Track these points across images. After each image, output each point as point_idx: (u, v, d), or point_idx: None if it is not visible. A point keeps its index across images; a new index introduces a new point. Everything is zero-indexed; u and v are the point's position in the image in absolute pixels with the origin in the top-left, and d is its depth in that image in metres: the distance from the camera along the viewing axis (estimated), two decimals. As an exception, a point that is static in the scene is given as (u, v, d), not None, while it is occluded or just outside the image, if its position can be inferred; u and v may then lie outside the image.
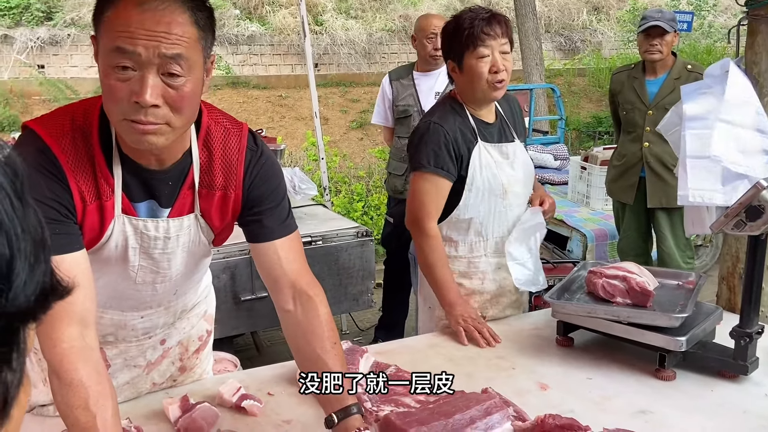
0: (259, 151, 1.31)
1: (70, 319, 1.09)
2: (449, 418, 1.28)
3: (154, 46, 1.02)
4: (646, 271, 1.78)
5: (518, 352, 1.76)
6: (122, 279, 1.32)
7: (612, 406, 1.45)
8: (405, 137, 3.56)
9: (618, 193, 3.52)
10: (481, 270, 2.04)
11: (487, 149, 1.98)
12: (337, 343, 1.28)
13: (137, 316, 1.43)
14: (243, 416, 1.44)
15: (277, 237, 1.31)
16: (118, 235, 1.24)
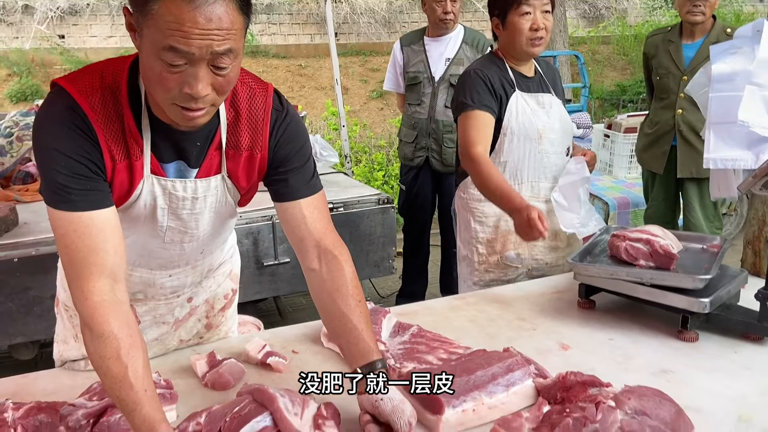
0: (284, 111, 1.31)
1: (101, 273, 1.11)
2: (471, 374, 1.30)
3: (207, 45, 1.01)
4: (670, 234, 1.77)
5: (539, 313, 1.76)
6: (151, 238, 1.35)
7: (633, 366, 1.45)
8: (415, 104, 3.55)
9: (648, 161, 3.42)
10: None
11: (524, 98, 2.11)
12: (362, 301, 1.29)
13: (165, 274, 1.46)
14: (268, 372, 1.47)
15: (302, 196, 1.32)
16: (147, 195, 1.26)
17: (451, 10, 3.38)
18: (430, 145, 3.53)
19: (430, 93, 3.49)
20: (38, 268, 2.34)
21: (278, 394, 1.22)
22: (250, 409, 1.20)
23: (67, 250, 1.13)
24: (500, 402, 1.27)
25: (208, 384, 1.41)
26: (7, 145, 3.25)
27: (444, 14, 3.39)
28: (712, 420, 1.23)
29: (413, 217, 3.72)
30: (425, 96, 3.50)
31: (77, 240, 1.12)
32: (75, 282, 1.12)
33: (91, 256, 1.12)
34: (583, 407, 1.13)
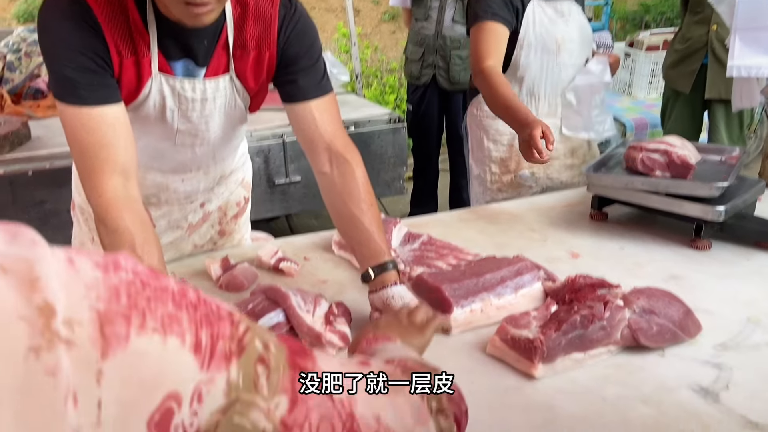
0: (293, 8, 1.27)
1: (113, 170, 1.11)
2: (480, 277, 1.31)
3: None
4: (689, 145, 1.73)
5: (550, 225, 1.76)
6: (162, 140, 1.34)
7: (643, 272, 1.46)
8: (422, 19, 3.43)
9: (675, 79, 3.24)
10: None
11: (541, 6, 2.00)
12: (373, 205, 1.28)
13: (178, 179, 1.46)
14: (281, 277, 1.49)
15: (312, 97, 1.29)
16: (156, 95, 1.24)
17: None
18: (437, 63, 3.43)
19: (437, 7, 3.36)
20: (53, 182, 2.36)
21: (291, 293, 1.24)
22: (264, 306, 1.22)
23: (77, 146, 1.13)
24: (508, 303, 1.28)
25: (222, 286, 1.43)
26: (15, 61, 3.21)
27: None
28: (720, 321, 1.23)
29: (421, 137, 3.66)
30: (432, 10, 3.38)
31: (87, 136, 1.12)
32: (87, 179, 1.13)
33: (102, 152, 1.12)
34: (591, 306, 1.14)
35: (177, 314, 0.41)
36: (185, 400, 0.39)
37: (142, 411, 0.37)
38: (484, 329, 1.23)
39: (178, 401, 0.39)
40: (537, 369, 1.07)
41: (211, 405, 0.41)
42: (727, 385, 1.04)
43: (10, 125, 2.45)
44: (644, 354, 1.13)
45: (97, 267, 0.39)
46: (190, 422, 0.40)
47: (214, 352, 0.42)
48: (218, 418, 0.41)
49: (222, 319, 0.44)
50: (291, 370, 0.48)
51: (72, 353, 0.34)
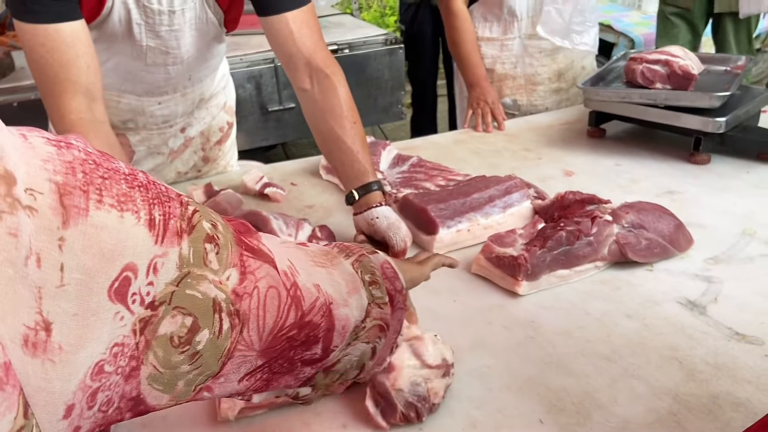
0: None
1: (75, 91, 1.06)
2: (467, 197, 1.27)
3: None
4: (692, 55, 1.64)
5: (546, 144, 1.70)
6: (133, 60, 1.28)
7: (638, 188, 1.41)
8: None
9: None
10: (514, 53, 2.00)
11: None
12: (357, 123, 1.22)
13: (154, 102, 1.41)
14: (266, 202, 1.46)
15: (287, 9, 1.21)
16: (120, 7, 1.17)
17: None
18: None
19: None
20: (39, 112, 2.29)
21: (272, 217, 1.21)
22: (244, 231, 1.20)
23: (37, 66, 1.07)
24: (496, 222, 1.25)
25: (205, 213, 1.41)
26: (-4, -9, 3.09)
27: None
28: (714, 234, 1.20)
29: (416, 59, 3.53)
30: None
31: (46, 54, 1.06)
32: (49, 100, 1.08)
33: (62, 72, 1.06)
34: (578, 221, 1.11)
35: (130, 193, 0.43)
36: (141, 271, 0.43)
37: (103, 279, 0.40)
38: (471, 249, 1.20)
39: (134, 272, 0.42)
40: (521, 286, 1.05)
41: (164, 277, 0.44)
42: (715, 298, 1.02)
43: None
44: (633, 269, 1.11)
45: (50, 143, 0.40)
46: (146, 292, 0.43)
47: (166, 228, 0.45)
48: (172, 289, 0.45)
49: (172, 200, 0.47)
50: (238, 246, 0.52)
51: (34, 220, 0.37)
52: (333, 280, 0.61)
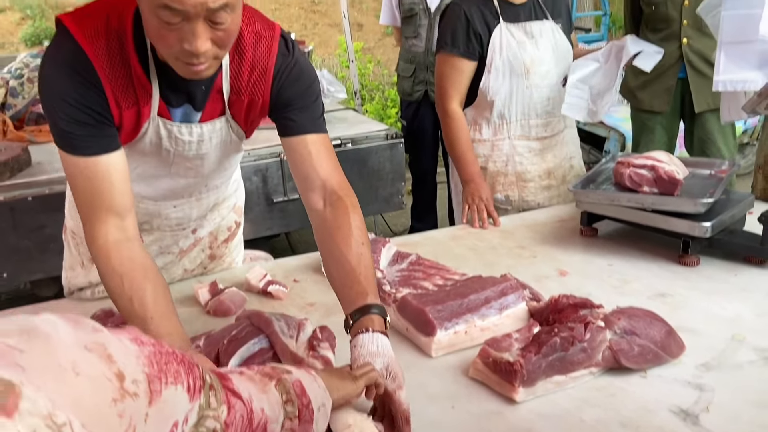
0: (290, 57, 1.26)
1: (107, 215, 1.15)
2: (464, 298, 1.31)
3: (201, 3, 0.98)
4: (676, 160, 1.73)
5: (540, 241, 1.76)
6: (157, 170, 1.36)
7: (630, 290, 1.45)
8: (411, 37, 3.47)
9: (649, 100, 3.02)
10: (504, 153, 2.11)
11: (509, 29, 1.99)
12: (365, 245, 1.19)
13: (170, 205, 1.48)
14: (269, 300, 1.50)
15: (308, 132, 1.27)
16: (153, 135, 1.25)
17: None
18: (428, 79, 3.45)
19: (426, 25, 3.41)
20: (52, 206, 2.38)
21: (274, 318, 1.25)
22: (247, 332, 1.23)
23: (76, 192, 1.17)
24: (492, 324, 1.29)
25: (210, 311, 1.45)
26: (18, 86, 3.26)
27: None
28: (705, 340, 1.23)
29: (417, 152, 3.69)
30: (422, 28, 3.42)
31: (84, 182, 1.15)
32: (86, 224, 1.17)
33: (96, 199, 1.15)
34: (572, 327, 1.14)
35: (178, 369, 0.63)
36: (180, 424, 0.61)
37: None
38: (469, 351, 1.23)
39: (176, 425, 0.61)
40: (518, 393, 1.07)
41: (190, 422, 0.64)
42: (707, 407, 1.04)
43: (10, 151, 2.49)
44: (626, 375, 1.13)
45: (134, 342, 0.60)
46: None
47: (194, 389, 0.65)
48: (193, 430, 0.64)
49: (194, 366, 0.67)
50: (224, 389, 0.72)
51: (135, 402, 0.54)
52: (269, 402, 0.80)
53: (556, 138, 2.14)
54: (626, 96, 3.14)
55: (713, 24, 1.85)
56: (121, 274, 1.12)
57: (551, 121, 2.11)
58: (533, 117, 2.07)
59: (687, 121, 3.05)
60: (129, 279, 1.12)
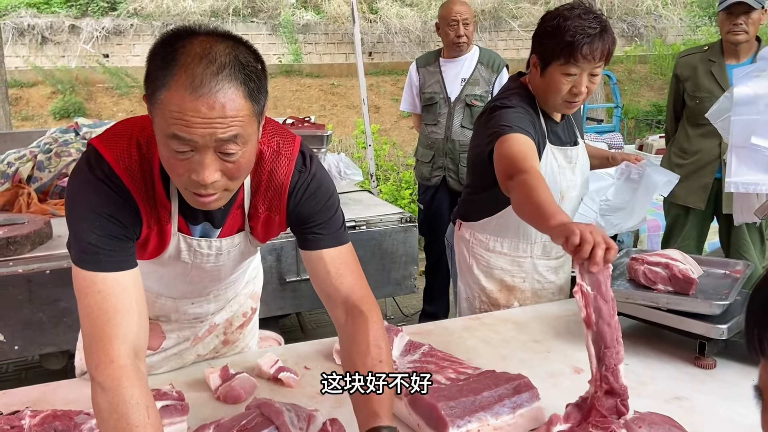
0: (307, 173, 1.26)
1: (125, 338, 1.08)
2: (477, 394, 1.30)
3: (210, 133, 0.99)
4: (690, 259, 1.74)
5: (554, 336, 1.75)
6: (175, 278, 1.39)
7: (647, 392, 1.43)
8: (431, 124, 3.59)
9: (684, 196, 3.00)
10: (524, 269, 2.04)
11: (554, 153, 1.89)
12: (383, 362, 1.18)
13: (188, 302, 1.51)
14: (280, 387, 1.49)
15: (325, 246, 1.26)
16: (173, 249, 1.27)
17: (464, 33, 3.45)
18: (446, 165, 3.56)
19: (446, 113, 3.53)
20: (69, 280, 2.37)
21: (285, 409, 1.24)
22: (257, 423, 1.22)
23: (89, 311, 1.09)
24: (506, 423, 1.26)
25: (220, 397, 1.44)
26: (45, 160, 3.38)
27: (457, 38, 3.45)
28: (723, 449, 1.20)
29: (432, 236, 3.73)
30: (441, 116, 3.54)
31: (102, 301, 1.09)
32: (97, 345, 1.07)
33: (116, 318, 1.08)
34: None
35: None
36: None
37: None
38: (481, 451, 1.21)
39: None
40: (531, 500, 1.04)
41: None
42: None
43: (33, 224, 2.55)
44: (644, 485, 1.10)
45: None
46: None
47: None
48: None
49: None
50: None
51: None
52: None
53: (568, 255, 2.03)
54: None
55: (723, 128, 1.91)
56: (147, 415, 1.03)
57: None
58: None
59: (721, 221, 3.03)
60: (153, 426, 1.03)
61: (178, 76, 0.97)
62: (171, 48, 1.00)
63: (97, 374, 1.05)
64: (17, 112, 8.94)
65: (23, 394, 1.45)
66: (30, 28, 9.99)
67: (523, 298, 2.08)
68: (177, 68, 0.98)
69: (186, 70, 0.97)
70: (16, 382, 3.36)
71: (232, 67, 0.99)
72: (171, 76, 0.98)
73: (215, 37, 1.02)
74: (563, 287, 2.14)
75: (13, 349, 2.44)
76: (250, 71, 1.02)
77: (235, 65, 0.99)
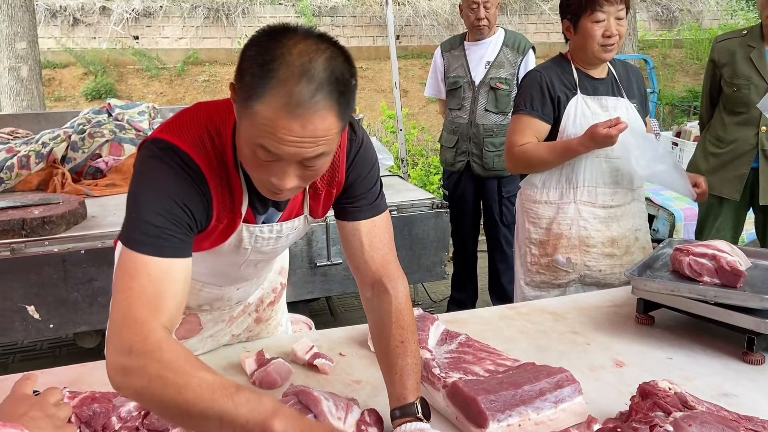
0: (358, 140, 1.26)
1: (161, 318, 1.01)
2: (518, 388, 1.26)
3: (298, 152, 0.98)
4: (738, 251, 1.68)
5: (594, 328, 1.70)
6: (230, 266, 1.38)
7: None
8: (455, 109, 3.53)
9: (718, 186, 2.88)
10: (569, 216, 2.17)
11: (585, 101, 2.11)
12: (404, 342, 1.23)
13: (233, 288, 1.50)
14: (315, 374, 1.48)
15: (362, 218, 1.28)
16: (235, 239, 1.26)
17: (485, 16, 3.38)
18: (471, 150, 3.50)
19: (470, 97, 3.47)
20: (103, 260, 2.44)
21: (323, 397, 1.22)
22: (295, 410, 1.21)
23: (129, 294, 1.01)
24: (547, 418, 1.23)
25: (255, 382, 1.43)
26: (79, 141, 3.41)
27: (477, 20, 3.38)
28: (776, 451, 1.15)
29: (458, 222, 3.68)
30: (466, 100, 3.49)
31: (147, 284, 1.02)
32: (131, 327, 0.97)
33: (157, 302, 1.01)
34: (636, 428, 1.09)
35: None
36: None
37: None
38: (521, 445, 1.18)
39: None
40: (576, 497, 1.01)
41: None
42: None
43: (68, 205, 2.57)
44: (693, 485, 1.06)
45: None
46: None
47: None
48: None
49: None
50: None
51: None
52: None
53: (622, 209, 2.19)
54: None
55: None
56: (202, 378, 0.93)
57: (618, 191, 2.17)
58: (600, 185, 2.14)
59: (757, 212, 2.94)
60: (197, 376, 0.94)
61: (276, 90, 0.93)
62: (269, 55, 0.95)
63: (131, 357, 0.94)
64: (50, 93, 9.07)
65: (61, 373, 1.46)
66: (62, 9, 10.09)
67: (571, 246, 2.16)
68: (275, 81, 0.93)
69: (284, 86, 0.93)
70: (50, 360, 3.44)
71: (330, 86, 0.95)
72: (268, 89, 0.94)
73: (313, 43, 0.97)
74: (616, 239, 2.19)
75: (49, 328, 2.48)
76: (345, 88, 0.98)
77: (333, 84, 0.96)
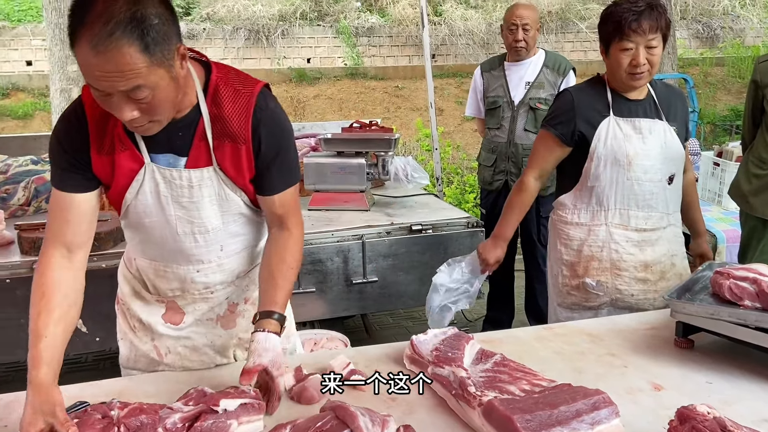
0: (268, 111, 1.43)
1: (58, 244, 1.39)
2: (554, 409, 1.27)
3: (112, 85, 1.17)
4: (780, 274, 1.65)
5: (632, 350, 1.69)
6: (164, 229, 1.49)
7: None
8: (494, 128, 3.55)
9: (762, 207, 2.85)
10: (600, 238, 2.15)
11: (617, 122, 2.09)
12: (293, 269, 1.51)
13: (193, 270, 1.56)
14: (351, 390, 1.50)
15: (277, 192, 1.50)
16: (150, 182, 1.43)
17: (523, 38, 3.41)
18: (509, 169, 3.51)
19: (509, 117, 3.49)
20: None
21: (359, 413, 1.25)
22: (332, 425, 1.23)
23: (48, 219, 1.42)
24: (584, 440, 1.23)
25: (293, 397, 1.46)
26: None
27: (515, 42, 3.42)
28: (821, 480, 1.13)
29: None
30: (505, 120, 3.50)
31: (53, 213, 1.40)
32: (45, 244, 1.40)
33: (56, 227, 1.39)
34: (674, 454, 1.08)
35: None
36: None
37: None
38: (557, 467, 1.18)
39: None
40: None
41: None
42: None
43: (115, 222, 2.67)
44: None
45: None
46: None
47: None
48: None
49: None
50: None
51: None
52: None
53: (657, 233, 2.15)
54: (737, 200, 3.00)
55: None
56: (44, 290, 1.33)
57: (652, 215, 2.13)
58: (633, 208, 2.12)
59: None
60: (47, 297, 1.32)
61: (82, 34, 1.13)
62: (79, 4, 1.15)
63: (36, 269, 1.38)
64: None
65: (109, 385, 1.52)
66: (110, 32, 10.47)
67: (602, 269, 2.14)
68: (81, 27, 1.13)
69: (90, 29, 1.13)
70: (95, 372, 3.54)
71: (129, 25, 1.13)
72: (78, 35, 1.14)
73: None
74: (650, 264, 2.16)
75: (95, 341, 2.57)
76: (148, 25, 1.15)
77: (131, 23, 1.13)
